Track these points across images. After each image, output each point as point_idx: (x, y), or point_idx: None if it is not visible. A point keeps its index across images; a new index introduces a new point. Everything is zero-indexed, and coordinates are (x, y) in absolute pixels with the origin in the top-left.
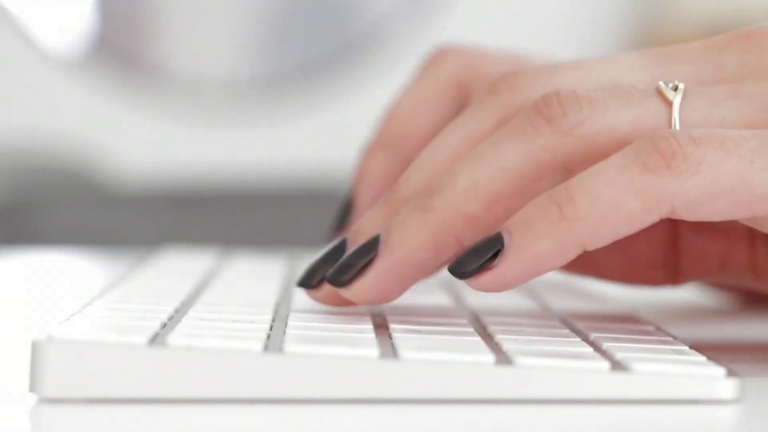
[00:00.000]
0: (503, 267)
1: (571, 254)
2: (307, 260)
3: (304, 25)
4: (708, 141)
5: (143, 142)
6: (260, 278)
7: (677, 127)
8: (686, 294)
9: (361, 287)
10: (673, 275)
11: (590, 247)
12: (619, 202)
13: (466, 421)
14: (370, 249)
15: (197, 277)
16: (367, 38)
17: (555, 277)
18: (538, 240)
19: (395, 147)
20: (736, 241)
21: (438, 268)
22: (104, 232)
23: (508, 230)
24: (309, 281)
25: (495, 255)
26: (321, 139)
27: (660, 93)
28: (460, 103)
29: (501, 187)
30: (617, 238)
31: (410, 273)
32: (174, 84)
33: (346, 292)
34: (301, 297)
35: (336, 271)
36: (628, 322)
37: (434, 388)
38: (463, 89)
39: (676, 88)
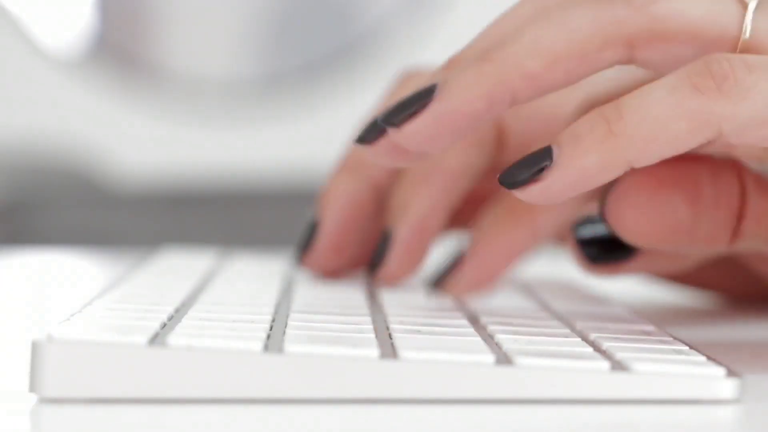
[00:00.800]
0: (551, 179)
1: (617, 171)
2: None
3: (304, 25)
4: (761, 68)
5: (143, 142)
6: (260, 278)
7: (747, 33)
8: (686, 294)
9: (412, 129)
10: (732, 238)
11: (636, 165)
12: (666, 122)
13: (466, 421)
14: (427, 94)
15: (197, 277)
16: (367, 38)
17: (555, 277)
18: (585, 154)
19: (361, 170)
20: None
21: (488, 120)
22: (104, 232)
23: (557, 143)
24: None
25: (544, 168)
26: (321, 139)
27: None
28: None
29: (564, 48)
30: (664, 158)
31: (462, 122)
32: (174, 84)
33: (396, 134)
34: (301, 297)
35: (389, 112)
36: (628, 322)
37: (434, 388)
38: None
39: None
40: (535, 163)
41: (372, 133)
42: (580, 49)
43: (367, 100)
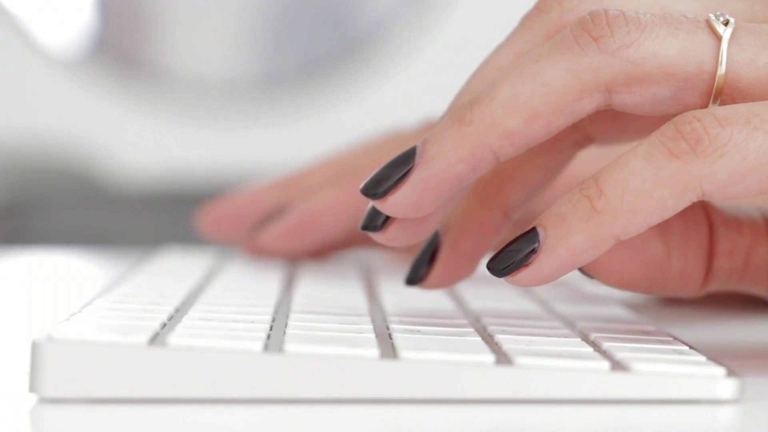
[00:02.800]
0: (540, 263)
1: (605, 246)
2: (307, 259)
3: (304, 25)
4: (733, 120)
5: (143, 142)
6: (260, 278)
7: (723, 64)
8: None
9: (396, 200)
10: (706, 279)
11: (624, 238)
12: (648, 192)
13: (466, 421)
14: (407, 160)
15: (197, 277)
16: (367, 38)
17: None
18: (572, 235)
19: (292, 187)
20: (758, 234)
21: (473, 181)
22: (104, 232)
23: (542, 226)
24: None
25: (532, 251)
26: (321, 139)
27: (710, 25)
28: None
29: (541, 102)
30: (650, 226)
31: (446, 186)
32: (174, 84)
33: (382, 205)
34: (301, 297)
35: (371, 183)
36: (628, 322)
37: (434, 388)
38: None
39: (726, 23)
40: (523, 248)
41: (377, 218)
42: (557, 102)
43: (366, 100)
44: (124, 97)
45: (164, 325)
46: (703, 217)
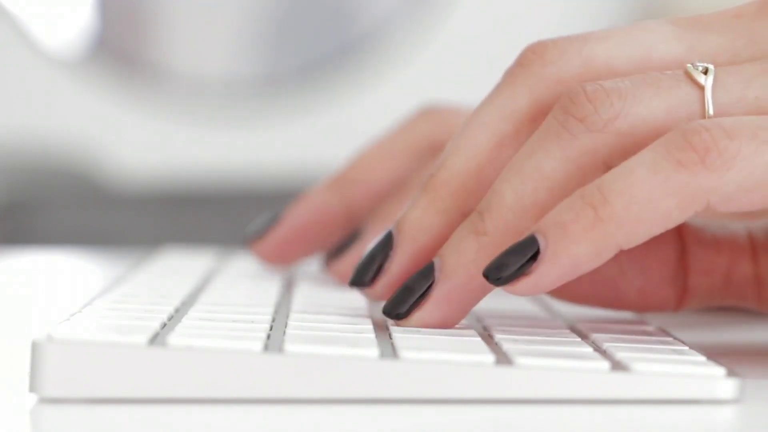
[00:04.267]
0: (540, 272)
1: (608, 256)
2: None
3: (304, 25)
4: (741, 132)
5: (143, 142)
6: (260, 278)
7: (710, 110)
8: None
9: (423, 316)
10: (681, 294)
11: (626, 247)
12: (654, 202)
13: (466, 421)
14: (427, 276)
15: (197, 277)
16: (367, 38)
17: None
18: (574, 244)
19: (344, 189)
20: (739, 252)
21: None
22: (104, 232)
23: (543, 234)
24: (362, 279)
25: (531, 259)
26: (321, 139)
27: (690, 77)
28: (428, 161)
29: (547, 197)
30: (652, 236)
31: (471, 296)
32: (174, 84)
33: (407, 323)
34: (301, 297)
35: (393, 303)
36: (628, 322)
37: (434, 388)
38: (436, 149)
39: (706, 71)
40: (522, 257)
41: (366, 275)
42: (562, 192)
43: (366, 100)
44: (124, 97)
45: (164, 325)
46: (672, 236)
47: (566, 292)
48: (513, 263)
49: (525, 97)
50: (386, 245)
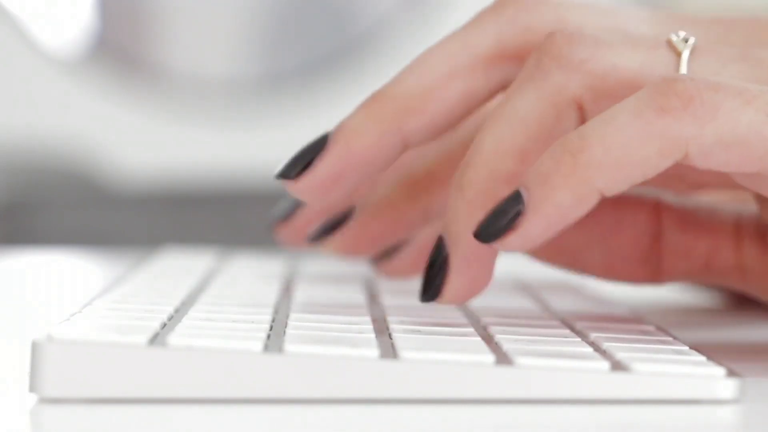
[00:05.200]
0: (526, 225)
1: (591, 203)
2: (305, 260)
3: (304, 25)
4: (726, 88)
5: (143, 142)
6: (260, 278)
7: None
8: (686, 294)
9: (453, 289)
10: (655, 273)
11: (608, 193)
12: (634, 147)
13: (466, 421)
14: (440, 250)
15: (197, 277)
16: (367, 38)
17: (555, 277)
18: (555, 192)
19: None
20: (721, 239)
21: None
22: (104, 232)
23: (526, 186)
24: (289, 173)
25: (517, 215)
26: None
27: (670, 44)
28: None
29: (524, 138)
30: (634, 183)
31: (485, 251)
32: (174, 84)
33: (443, 302)
34: (301, 297)
35: (424, 287)
36: (628, 322)
37: (434, 388)
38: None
39: (686, 41)
40: (507, 212)
41: (293, 169)
42: (539, 132)
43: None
44: (124, 97)
45: (164, 325)
46: (648, 216)
47: (537, 251)
48: (499, 220)
49: (490, 36)
50: (319, 144)
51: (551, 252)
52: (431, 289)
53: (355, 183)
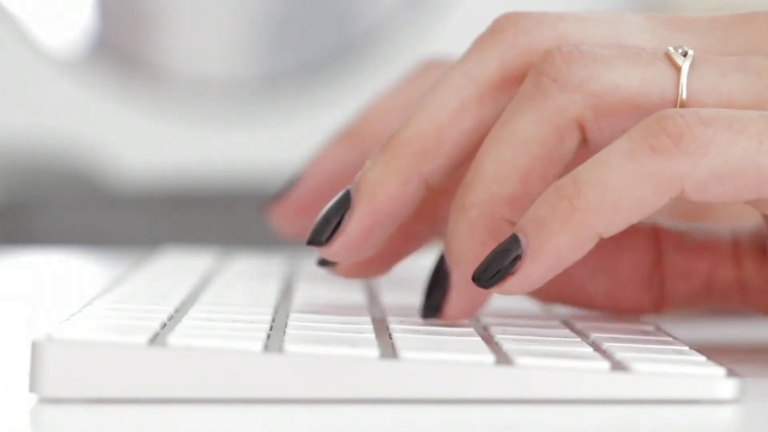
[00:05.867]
0: (525, 269)
1: (589, 245)
2: (307, 259)
3: (303, 25)
4: (716, 121)
5: (143, 142)
6: (260, 278)
7: (684, 93)
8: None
9: (453, 307)
10: (658, 299)
11: (606, 235)
12: (629, 189)
13: (466, 421)
14: (442, 268)
15: (197, 277)
16: (367, 38)
17: None
18: (554, 237)
19: (359, 144)
20: (721, 258)
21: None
22: (104, 232)
23: (523, 231)
24: (319, 238)
25: (516, 259)
26: (320, 139)
27: (669, 57)
28: None
29: (527, 160)
30: (631, 224)
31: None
32: (174, 84)
33: (444, 317)
34: (301, 297)
35: (424, 302)
36: (628, 322)
37: (434, 388)
38: None
39: (685, 54)
40: (506, 257)
41: (323, 233)
42: (541, 154)
43: (366, 100)
44: (124, 97)
45: (164, 325)
46: (647, 241)
47: (538, 291)
48: (498, 264)
49: (493, 64)
50: (343, 204)
51: (554, 290)
52: (432, 306)
53: (386, 233)
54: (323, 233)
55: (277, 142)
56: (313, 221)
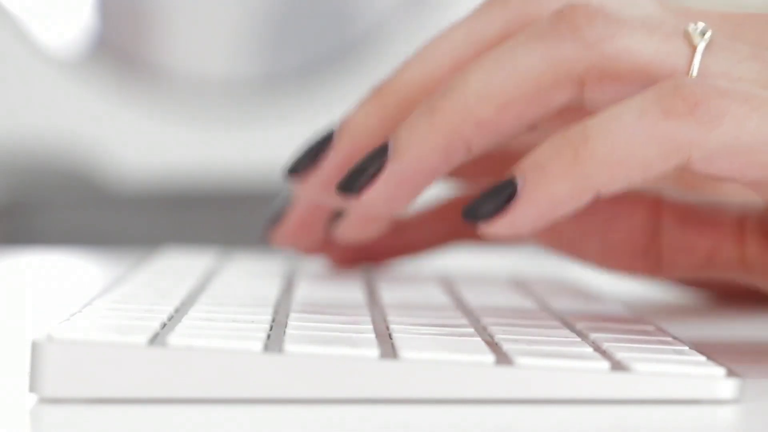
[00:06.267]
0: (517, 211)
1: (585, 198)
2: (305, 260)
3: (303, 25)
4: (733, 94)
5: (143, 142)
6: (260, 278)
7: (695, 74)
8: (685, 294)
9: (372, 195)
10: (655, 266)
11: (604, 192)
12: (636, 147)
13: (466, 421)
14: (380, 155)
15: (197, 277)
16: (366, 38)
17: (554, 276)
18: (552, 183)
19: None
20: (724, 235)
21: (446, 173)
22: (104, 232)
23: (521, 172)
24: (296, 169)
25: (509, 198)
26: None
27: (687, 35)
28: None
29: (514, 91)
30: (632, 184)
31: (420, 179)
32: (174, 84)
33: (356, 202)
34: (301, 297)
35: (346, 180)
36: (628, 322)
37: (434, 388)
38: None
39: (703, 34)
40: (500, 195)
41: (299, 165)
42: (531, 92)
43: None
44: (124, 97)
45: (164, 325)
46: (645, 211)
47: (536, 234)
48: (491, 201)
49: (496, 26)
50: (325, 142)
51: (549, 236)
52: (353, 186)
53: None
54: (301, 165)
55: (277, 142)
56: (311, 239)
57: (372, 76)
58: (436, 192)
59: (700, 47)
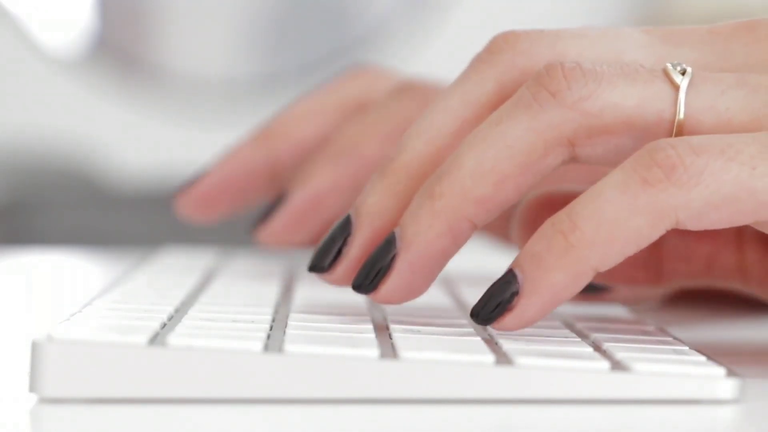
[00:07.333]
0: (522, 306)
1: (585, 280)
2: (305, 260)
3: (303, 25)
4: (708, 149)
5: (143, 142)
6: (260, 278)
7: (681, 112)
8: (685, 294)
9: (390, 289)
10: (655, 276)
11: (603, 269)
12: (624, 222)
13: (466, 421)
14: (389, 248)
15: (197, 277)
16: (366, 39)
17: None
18: (550, 274)
19: (269, 144)
20: (723, 243)
21: (458, 250)
22: (104, 232)
23: (519, 267)
24: (321, 264)
25: (512, 296)
26: None
27: (667, 75)
28: (354, 117)
29: (507, 166)
30: (628, 256)
31: (433, 264)
32: (174, 84)
33: (376, 297)
34: (301, 297)
35: (360, 278)
36: (628, 322)
37: (434, 388)
38: (363, 107)
39: (683, 72)
40: (503, 294)
41: (324, 260)
42: (523, 163)
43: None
44: (124, 97)
45: (164, 325)
46: None
47: None
48: (495, 301)
49: (490, 85)
50: (344, 229)
51: None
52: (368, 283)
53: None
54: (325, 259)
55: None
56: (214, 213)
57: None
58: None
59: (683, 86)
